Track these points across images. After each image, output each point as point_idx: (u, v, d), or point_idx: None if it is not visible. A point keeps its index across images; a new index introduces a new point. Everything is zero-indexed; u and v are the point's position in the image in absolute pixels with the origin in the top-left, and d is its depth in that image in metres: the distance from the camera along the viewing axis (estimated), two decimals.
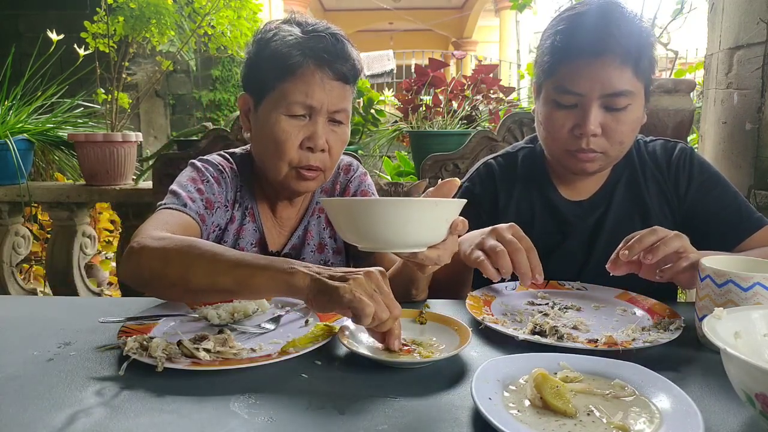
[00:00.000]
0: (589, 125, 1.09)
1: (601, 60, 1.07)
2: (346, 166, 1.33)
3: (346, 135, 1.17)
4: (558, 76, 1.12)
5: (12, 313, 1.00)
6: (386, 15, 13.27)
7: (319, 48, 1.08)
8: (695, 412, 0.59)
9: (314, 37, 1.09)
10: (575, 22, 1.11)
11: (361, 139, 2.85)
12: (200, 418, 0.62)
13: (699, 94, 3.08)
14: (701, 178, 1.23)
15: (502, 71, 8.06)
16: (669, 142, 1.29)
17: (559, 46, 1.11)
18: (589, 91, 1.08)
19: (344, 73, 1.11)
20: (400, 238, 0.74)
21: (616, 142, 1.13)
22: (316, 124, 1.10)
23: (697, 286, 0.86)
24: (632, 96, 1.10)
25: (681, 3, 2.34)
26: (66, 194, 2.46)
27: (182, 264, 0.86)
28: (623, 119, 1.11)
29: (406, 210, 0.72)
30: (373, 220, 0.74)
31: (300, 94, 1.08)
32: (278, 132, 1.09)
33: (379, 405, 0.65)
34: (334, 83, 1.10)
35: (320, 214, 1.30)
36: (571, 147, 1.13)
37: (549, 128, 1.16)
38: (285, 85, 1.09)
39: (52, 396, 0.67)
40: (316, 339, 0.81)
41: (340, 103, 1.12)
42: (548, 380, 0.64)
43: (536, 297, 1.07)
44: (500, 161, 1.35)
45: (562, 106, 1.13)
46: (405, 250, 0.78)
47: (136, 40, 2.64)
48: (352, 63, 1.12)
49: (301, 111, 1.10)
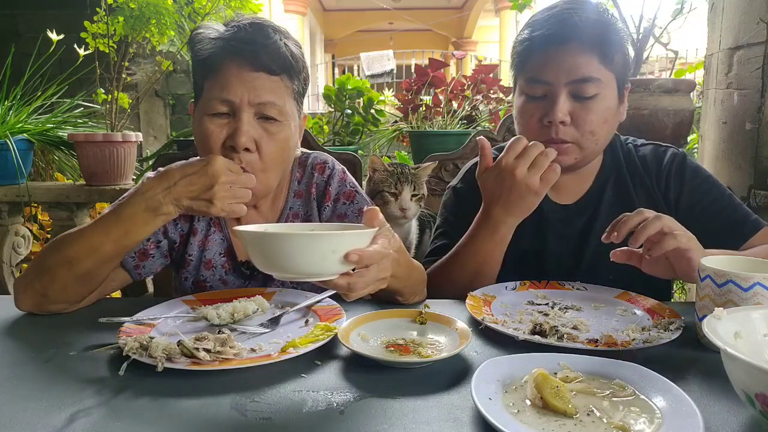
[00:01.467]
0: (557, 113, 1.10)
1: (564, 47, 1.10)
2: (320, 164, 1.23)
3: (282, 134, 1.06)
4: (527, 69, 1.16)
5: (12, 313, 1.00)
6: (386, 15, 13.28)
7: (236, 38, 1.02)
8: (695, 412, 0.59)
9: (232, 28, 1.04)
10: (543, 15, 1.15)
11: (361, 139, 2.85)
12: (200, 418, 0.62)
13: (699, 94, 3.09)
14: (694, 182, 1.21)
15: (502, 71, 8.06)
16: (660, 147, 1.28)
17: (527, 39, 1.15)
18: (556, 79, 1.10)
19: (266, 63, 1.02)
20: (294, 268, 0.75)
21: (587, 132, 1.13)
22: (239, 121, 1.01)
23: (697, 286, 0.86)
24: (600, 84, 1.11)
25: (681, 3, 2.34)
26: (66, 194, 2.46)
27: (54, 252, 0.97)
28: (592, 108, 1.11)
29: (290, 243, 0.74)
30: (268, 251, 0.75)
31: (217, 90, 1.02)
32: (201, 132, 1.04)
33: (379, 405, 0.65)
34: (254, 74, 1.02)
35: (294, 220, 1.21)
36: (542, 138, 1.13)
37: (521, 121, 1.18)
38: (207, 82, 1.05)
39: (52, 396, 0.67)
40: (316, 339, 0.81)
41: (265, 96, 1.02)
42: (548, 380, 0.64)
43: (536, 297, 1.07)
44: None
45: (532, 98, 1.15)
46: (306, 279, 0.79)
47: (136, 40, 2.64)
48: (277, 51, 1.03)
49: (222, 108, 1.02)
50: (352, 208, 1.21)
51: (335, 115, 2.77)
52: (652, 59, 4.47)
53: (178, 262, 1.19)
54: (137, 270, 1.13)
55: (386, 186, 1.52)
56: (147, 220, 0.95)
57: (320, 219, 1.21)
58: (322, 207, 1.21)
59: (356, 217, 1.19)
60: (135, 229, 0.95)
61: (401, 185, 1.51)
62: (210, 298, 1.02)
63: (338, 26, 15.03)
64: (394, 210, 1.52)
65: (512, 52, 1.22)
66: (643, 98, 2.04)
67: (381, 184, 1.53)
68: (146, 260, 1.13)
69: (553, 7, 1.15)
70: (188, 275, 1.18)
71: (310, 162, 1.24)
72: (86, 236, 0.96)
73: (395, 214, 1.52)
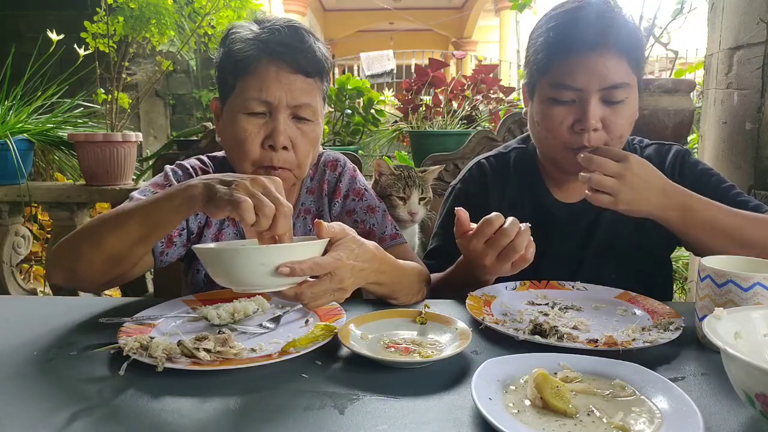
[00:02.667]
0: (590, 119, 1.08)
1: (597, 53, 1.07)
2: (332, 162, 1.28)
3: (314, 133, 1.11)
4: (553, 73, 1.11)
5: (12, 313, 1.00)
6: (386, 15, 13.27)
7: (274, 41, 1.05)
8: (695, 412, 0.59)
9: (269, 30, 1.07)
10: (568, 17, 1.11)
11: (361, 139, 2.85)
12: (200, 418, 0.62)
13: (699, 94, 3.09)
14: (694, 174, 1.22)
15: (502, 71, 8.06)
16: (664, 146, 1.28)
17: (553, 42, 1.11)
18: (588, 85, 1.08)
19: (303, 66, 1.06)
20: (234, 280, 0.79)
21: (616, 137, 1.12)
22: (276, 121, 1.06)
23: (697, 286, 0.86)
24: (629, 89, 1.11)
25: (681, 3, 2.34)
26: (66, 194, 2.46)
27: (89, 233, 0.96)
28: (622, 112, 1.11)
29: (219, 258, 0.79)
30: (208, 265, 0.81)
31: (255, 90, 1.05)
32: (238, 131, 1.06)
33: (379, 405, 0.65)
34: (292, 77, 1.05)
35: (305, 216, 1.25)
36: (572, 144, 1.12)
37: (548, 126, 1.14)
38: (242, 82, 1.07)
39: (52, 396, 0.67)
40: (316, 339, 0.81)
41: (302, 98, 1.07)
42: (548, 380, 0.64)
43: (536, 297, 1.07)
44: (492, 161, 1.34)
45: (559, 103, 1.11)
46: (249, 291, 0.83)
47: (136, 40, 2.64)
48: (313, 55, 1.07)
49: (260, 108, 1.06)
50: (361, 204, 1.25)
51: (335, 115, 2.77)
52: (652, 59, 4.46)
53: (191, 254, 1.20)
54: (161, 256, 1.12)
55: (394, 190, 1.51)
56: (179, 205, 0.89)
57: (330, 215, 1.25)
58: (332, 203, 1.25)
59: (365, 213, 1.24)
60: (170, 220, 0.92)
61: (409, 189, 1.50)
62: (210, 298, 1.02)
63: (338, 26, 15.02)
64: (402, 214, 1.50)
65: (530, 54, 1.18)
66: (643, 98, 2.03)
67: (389, 188, 1.52)
68: (171, 247, 1.13)
69: (573, 8, 1.12)
70: (200, 267, 1.19)
71: (322, 160, 1.28)
72: (117, 218, 0.95)
73: (404, 218, 1.51)
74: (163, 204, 0.90)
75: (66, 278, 1.01)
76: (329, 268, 0.81)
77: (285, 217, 0.80)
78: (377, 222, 1.23)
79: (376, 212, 1.24)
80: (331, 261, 0.81)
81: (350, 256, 0.85)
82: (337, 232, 0.86)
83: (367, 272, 0.90)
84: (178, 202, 0.88)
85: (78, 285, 1.02)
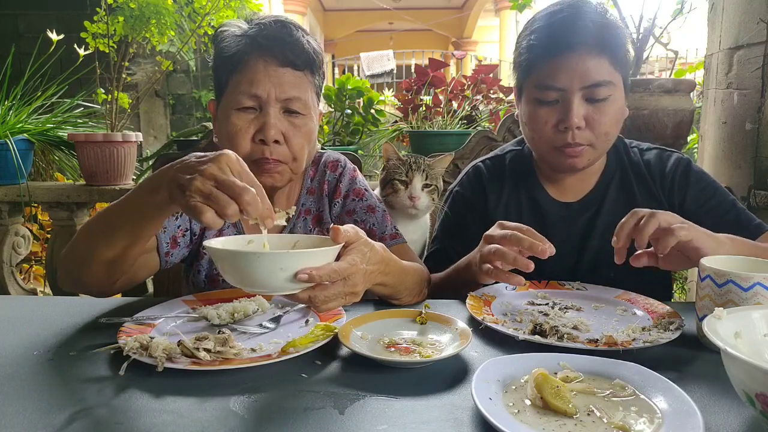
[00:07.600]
0: (573, 118, 1.10)
1: (577, 53, 1.09)
2: (332, 162, 1.28)
3: (307, 126, 1.11)
4: (537, 74, 1.14)
5: (12, 313, 1.00)
6: (386, 15, 13.27)
7: (261, 35, 1.06)
8: (695, 412, 0.59)
9: (257, 26, 1.07)
10: (548, 20, 1.14)
11: (361, 139, 2.85)
12: (200, 418, 0.62)
13: (699, 94, 3.08)
14: (698, 187, 1.22)
15: (502, 71, 8.06)
16: (665, 152, 1.28)
17: (535, 44, 1.14)
18: (570, 85, 1.10)
19: (291, 59, 1.06)
20: (249, 283, 0.77)
21: (601, 134, 1.14)
22: (267, 115, 1.06)
23: (697, 286, 0.86)
24: (612, 86, 1.12)
25: (681, 3, 2.34)
26: (66, 194, 2.46)
27: (84, 241, 0.95)
28: (605, 110, 1.12)
29: (239, 260, 0.75)
30: (224, 266, 0.78)
31: (245, 85, 1.05)
32: (230, 127, 1.07)
33: (379, 405, 0.65)
34: (281, 70, 1.06)
35: (306, 216, 1.25)
36: (558, 143, 1.14)
37: (533, 126, 1.17)
38: (233, 79, 1.07)
39: (52, 396, 0.67)
40: (316, 339, 0.81)
41: (291, 91, 1.07)
42: (548, 380, 0.64)
43: (536, 297, 1.07)
44: (488, 164, 1.36)
45: (544, 103, 1.14)
46: (265, 293, 0.84)
47: (136, 40, 2.64)
48: (301, 48, 1.07)
49: (249, 102, 1.06)
50: (361, 204, 1.25)
51: (335, 115, 2.77)
52: (652, 59, 4.47)
53: (193, 255, 1.21)
54: (166, 257, 1.12)
55: (397, 174, 1.49)
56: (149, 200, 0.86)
57: (330, 214, 1.25)
58: (332, 203, 1.26)
59: (365, 213, 1.24)
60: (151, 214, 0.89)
61: (412, 173, 1.48)
62: (210, 298, 1.02)
63: (338, 26, 15.02)
64: (403, 198, 1.47)
65: (516, 57, 1.21)
66: (643, 98, 2.04)
67: (393, 173, 1.50)
68: (175, 248, 1.13)
69: (554, 11, 1.14)
70: (201, 268, 1.20)
71: (323, 161, 1.29)
72: (103, 226, 0.94)
73: (405, 203, 1.48)
74: (141, 198, 0.86)
75: (75, 287, 1.02)
76: (345, 273, 0.81)
77: (249, 204, 0.72)
78: (377, 222, 1.23)
79: (376, 212, 1.25)
80: (347, 266, 0.81)
81: (363, 260, 0.85)
82: (352, 236, 0.85)
83: (375, 274, 0.90)
84: (150, 214, 0.86)
85: (87, 292, 1.02)
